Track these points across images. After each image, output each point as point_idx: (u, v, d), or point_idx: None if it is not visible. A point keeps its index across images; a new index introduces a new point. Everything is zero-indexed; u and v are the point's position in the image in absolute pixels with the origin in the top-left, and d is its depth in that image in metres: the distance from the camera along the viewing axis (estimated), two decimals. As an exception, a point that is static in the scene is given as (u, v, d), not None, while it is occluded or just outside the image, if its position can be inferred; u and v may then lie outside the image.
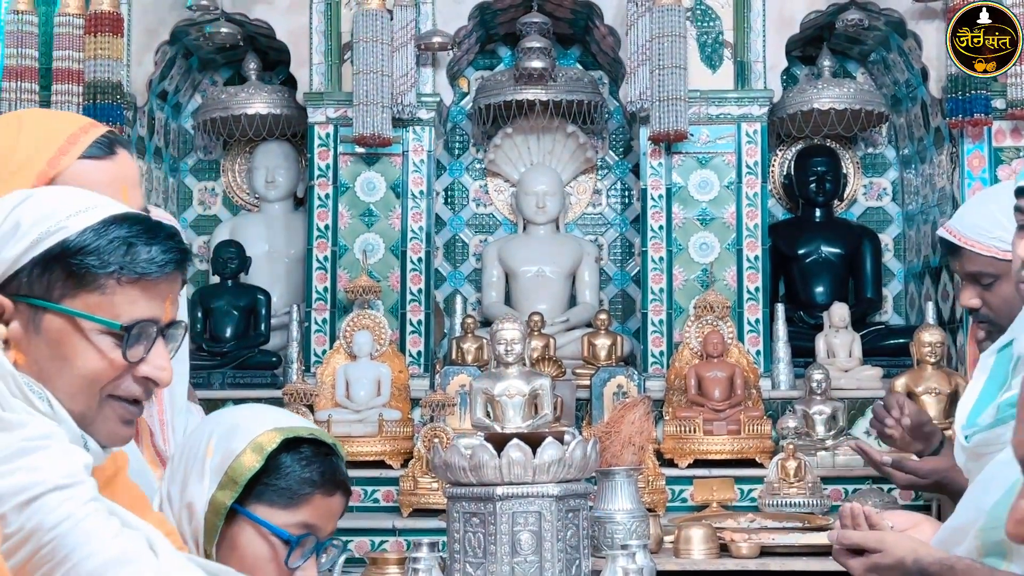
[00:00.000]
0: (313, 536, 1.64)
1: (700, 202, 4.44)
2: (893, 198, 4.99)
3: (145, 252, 1.45)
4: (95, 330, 1.43)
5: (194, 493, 1.57)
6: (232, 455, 1.59)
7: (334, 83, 4.47)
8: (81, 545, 1.32)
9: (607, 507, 2.76)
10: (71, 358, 1.43)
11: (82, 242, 1.43)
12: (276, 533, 1.60)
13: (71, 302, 1.42)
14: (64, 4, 4.34)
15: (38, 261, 1.42)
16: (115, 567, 1.32)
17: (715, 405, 4.08)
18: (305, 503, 1.63)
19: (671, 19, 4.23)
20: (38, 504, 1.31)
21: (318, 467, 1.64)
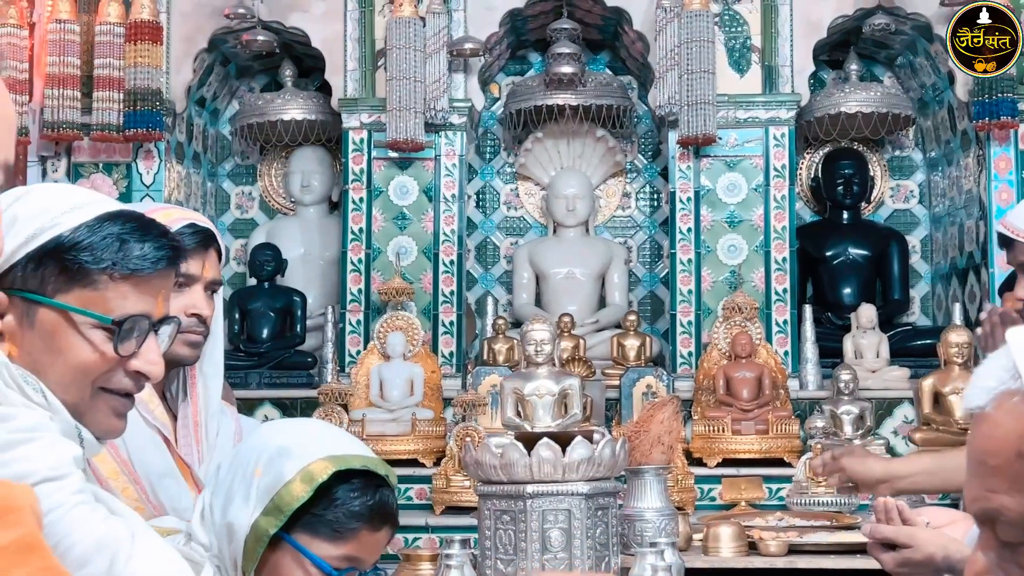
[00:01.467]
0: (355, 570, 1.62)
1: (728, 205, 4.43)
2: (920, 200, 4.97)
3: (138, 249, 1.45)
4: (87, 324, 1.43)
5: (237, 514, 1.55)
6: (281, 481, 1.56)
7: (368, 89, 4.48)
8: (69, 533, 1.33)
9: (636, 505, 2.75)
10: (64, 351, 1.44)
11: (76, 238, 1.43)
12: (319, 566, 1.58)
13: (64, 297, 1.43)
14: (105, 13, 4.37)
15: (33, 256, 1.43)
16: (97, 552, 1.33)
17: (743, 405, 4.07)
18: (351, 538, 1.60)
19: (699, 24, 4.22)
20: None
21: (368, 501, 1.61)
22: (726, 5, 4.43)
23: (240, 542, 1.55)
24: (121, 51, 4.36)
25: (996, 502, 1.02)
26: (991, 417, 1.03)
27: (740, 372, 4.11)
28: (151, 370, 1.47)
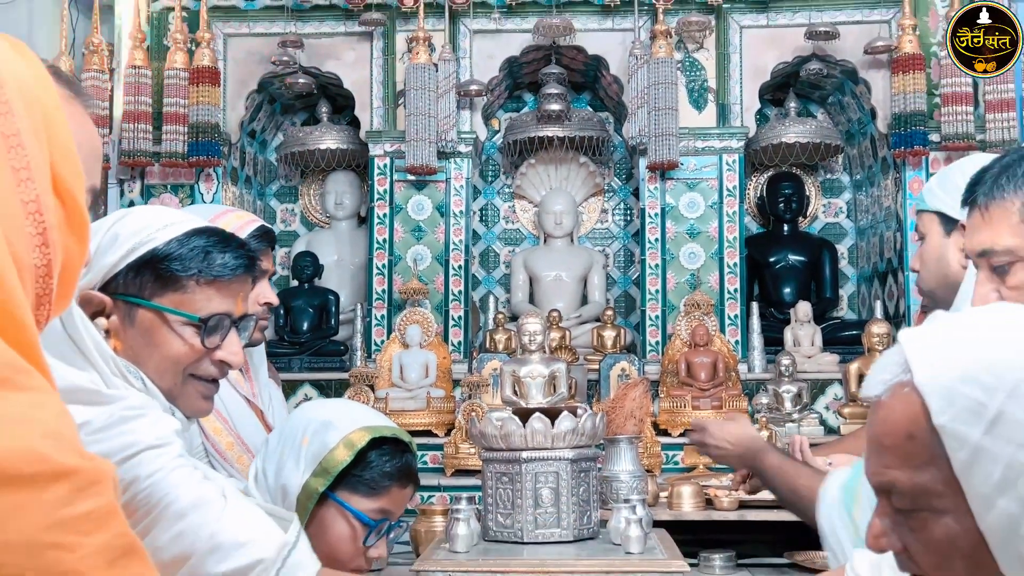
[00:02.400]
0: (387, 520, 1.63)
1: (688, 219, 4.43)
2: (847, 215, 4.97)
3: (220, 258, 1.46)
4: (179, 322, 1.44)
5: (289, 477, 1.56)
6: (326, 448, 1.57)
7: (390, 123, 4.49)
8: (169, 491, 1.33)
9: (613, 468, 2.76)
10: (160, 345, 1.44)
11: (168, 250, 1.44)
12: (359, 517, 1.59)
13: (159, 299, 1.44)
14: (172, 61, 4.38)
15: (132, 266, 1.43)
16: (193, 509, 1.33)
17: (701, 385, 4.07)
18: (384, 493, 1.61)
19: (664, 69, 4.23)
20: (136, 460, 1.32)
21: (396, 463, 1.63)
22: (687, 53, 4.44)
23: (293, 500, 1.56)
24: (185, 92, 4.37)
25: (890, 476, 1.02)
26: (886, 404, 1.02)
27: (698, 358, 4.12)
28: (233, 360, 1.48)
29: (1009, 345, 0.97)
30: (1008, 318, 1.01)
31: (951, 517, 0.98)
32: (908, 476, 1.00)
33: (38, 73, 0.97)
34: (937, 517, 0.99)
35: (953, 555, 0.99)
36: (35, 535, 0.81)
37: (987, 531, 0.96)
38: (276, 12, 4.50)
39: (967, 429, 0.96)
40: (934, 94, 4.23)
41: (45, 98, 0.96)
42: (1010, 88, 4.15)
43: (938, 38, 4.29)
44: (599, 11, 4.45)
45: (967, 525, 0.97)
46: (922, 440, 0.98)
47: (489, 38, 4.52)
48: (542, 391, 2.37)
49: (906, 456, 1.00)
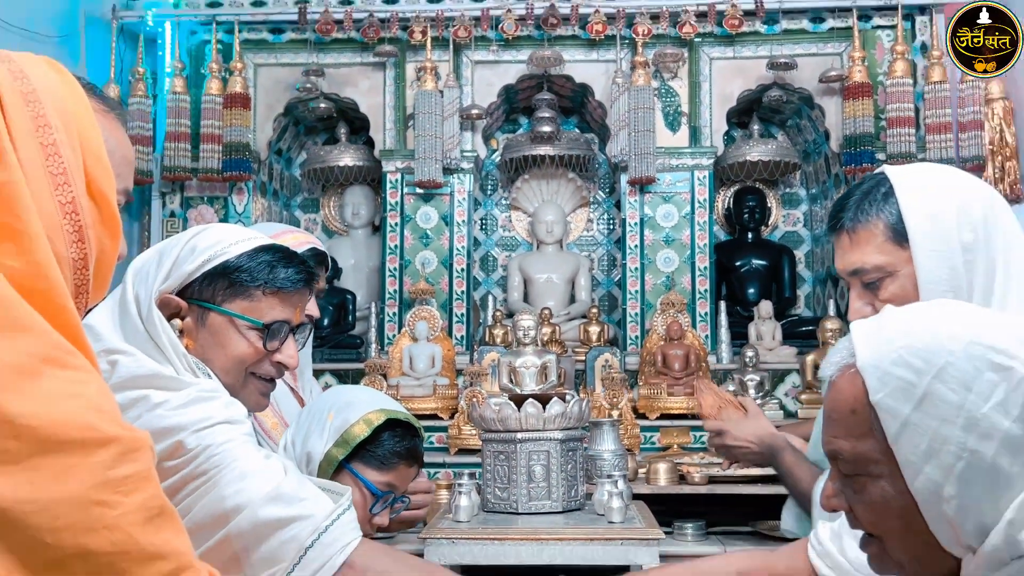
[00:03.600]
0: (392, 494, 1.63)
1: (664, 228, 4.44)
2: (804, 224, 4.98)
3: (283, 273, 1.47)
4: (245, 326, 1.44)
5: (314, 445, 1.58)
6: (348, 423, 1.59)
7: (401, 143, 4.49)
8: (238, 457, 1.34)
9: (597, 447, 2.76)
10: (227, 345, 1.45)
11: (239, 263, 1.45)
12: (369, 487, 1.60)
13: (229, 305, 1.44)
14: (208, 87, 4.38)
15: (206, 275, 1.44)
16: (253, 474, 1.34)
17: (675, 375, 4.08)
18: (392, 469, 1.62)
19: (643, 96, 4.24)
20: (211, 430, 1.33)
21: (406, 444, 1.64)
22: (662, 82, 4.44)
23: (316, 465, 1.57)
24: (220, 115, 4.37)
25: (837, 445, 1.04)
26: (836, 384, 1.05)
27: (673, 350, 4.12)
28: (290, 362, 1.50)
29: (937, 335, 0.99)
30: (939, 313, 1.03)
31: (886, 481, 1.00)
32: (851, 445, 1.02)
33: (74, 90, 0.98)
34: (875, 481, 1.01)
35: (888, 514, 1.01)
36: (84, 493, 0.82)
37: (916, 494, 0.98)
38: (300, 45, 4.50)
39: (899, 405, 0.98)
40: (880, 118, 4.24)
41: (79, 111, 0.97)
42: (947, 113, 4.15)
43: (884, 68, 4.30)
44: (585, 44, 4.45)
45: (899, 488, 0.99)
46: (862, 414, 1.00)
47: (488, 68, 4.52)
48: (535, 379, 2.38)
49: (849, 428, 1.02)
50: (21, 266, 0.88)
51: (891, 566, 1.05)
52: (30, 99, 0.93)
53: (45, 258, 0.89)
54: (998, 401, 0.95)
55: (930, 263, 1.38)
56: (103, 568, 0.82)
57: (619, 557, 2.05)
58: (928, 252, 1.38)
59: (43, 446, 0.82)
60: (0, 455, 0.81)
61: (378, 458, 1.59)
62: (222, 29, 4.46)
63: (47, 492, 0.81)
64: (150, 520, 0.86)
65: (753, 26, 4.36)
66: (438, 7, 4.38)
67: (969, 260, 1.37)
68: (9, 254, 0.88)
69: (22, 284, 0.87)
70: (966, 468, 0.96)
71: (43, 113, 0.93)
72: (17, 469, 0.81)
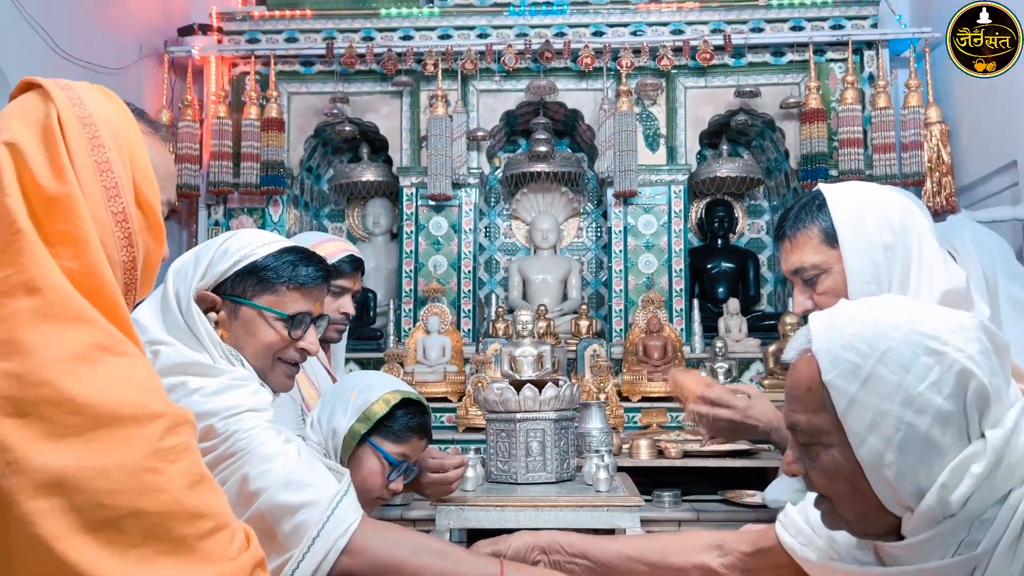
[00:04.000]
0: (406, 463, 1.64)
1: (645, 235, 4.44)
2: (767, 232, 4.98)
3: (304, 270, 1.47)
4: (272, 317, 1.45)
5: (339, 422, 1.58)
6: (368, 402, 1.59)
7: (416, 161, 4.49)
8: (261, 443, 1.34)
9: (586, 426, 2.77)
10: (256, 334, 1.45)
11: (265, 263, 1.45)
12: (387, 457, 1.60)
13: (257, 300, 1.45)
14: (248, 113, 4.38)
15: (238, 274, 1.44)
16: (276, 457, 1.34)
17: (654, 363, 4.08)
18: (406, 441, 1.63)
19: (626, 120, 4.24)
20: (239, 417, 1.33)
21: (418, 420, 1.65)
22: (643, 107, 4.44)
23: (340, 439, 1.58)
24: (258, 137, 4.37)
25: (795, 418, 1.05)
26: (796, 366, 1.05)
27: (652, 341, 4.13)
28: (311, 348, 1.50)
29: (880, 324, 1.00)
30: (883, 305, 1.04)
31: (836, 450, 1.01)
32: (807, 418, 1.02)
33: (124, 114, 1.00)
34: (826, 449, 1.02)
35: (837, 478, 1.02)
36: (137, 460, 0.83)
37: (861, 460, 0.99)
38: (328, 76, 4.51)
39: (847, 385, 0.98)
40: (833, 139, 4.24)
41: (129, 133, 0.98)
42: (891, 135, 4.16)
43: (836, 96, 4.30)
44: (576, 75, 4.45)
45: (847, 456, 1.00)
46: (816, 392, 1.01)
47: (492, 96, 4.52)
48: (532, 367, 2.38)
49: (805, 404, 1.02)
50: (78, 267, 0.89)
51: (840, 523, 1.06)
52: (86, 122, 0.94)
53: (99, 260, 0.90)
54: (932, 381, 0.96)
55: (856, 260, 1.44)
56: (153, 526, 0.82)
57: (605, 521, 2.06)
58: (854, 251, 1.44)
59: (100, 421, 0.83)
60: (63, 429, 0.82)
61: (394, 432, 1.60)
62: (260, 62, 4.46)
63: (104, 460, 0.82)
64: (193, 485, 0.87)
65: (722, 59, 4.36)
66: (448, 43, 4.39)
67: (889, 257, 1.43)
68: (68, 257, 0.89)
69: (79, 282, 0.88)
70: (904, 439, 0.96)
71: (97, 134, 0.94)
72: (79, 441, 0.81)
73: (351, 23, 4.47)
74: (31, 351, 0.83)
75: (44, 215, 0.88)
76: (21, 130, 0.91)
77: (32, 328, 0.83)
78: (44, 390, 0.81)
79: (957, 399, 0.96)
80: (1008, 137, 3.68)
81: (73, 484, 0.80)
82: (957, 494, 0.94)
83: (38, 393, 0.81)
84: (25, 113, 0.93)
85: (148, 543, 0.82)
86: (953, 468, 0.95)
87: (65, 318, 0.85)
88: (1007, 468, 0.94)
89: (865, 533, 1.04)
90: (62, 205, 0.89)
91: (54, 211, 0.89)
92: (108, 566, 0.79)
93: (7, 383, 0.81)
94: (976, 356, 0.97)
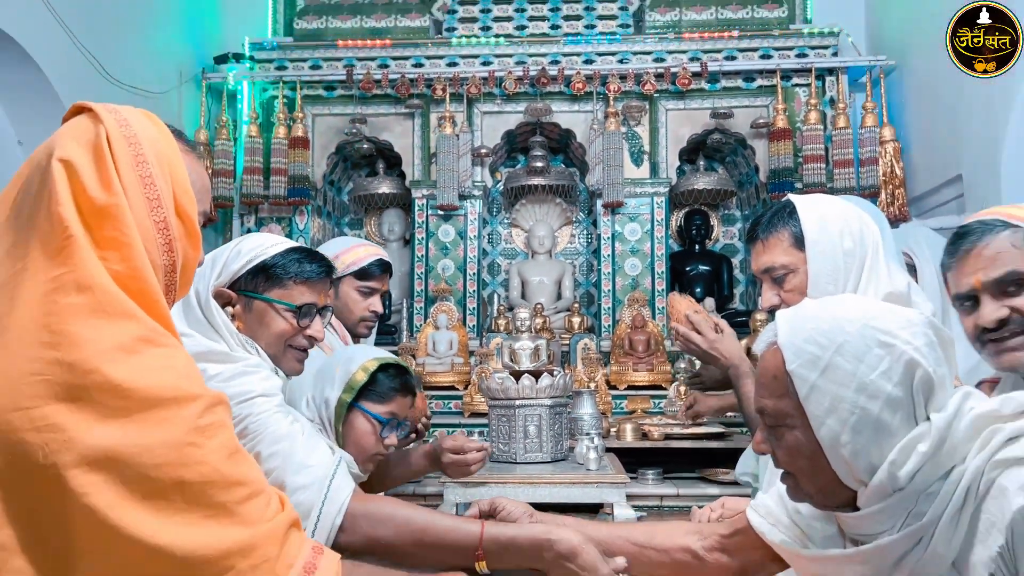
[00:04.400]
0: (395, 420, 1.63)
1: (630, 241, 4.44)
2: (739, 238, 4.98)
3: (309, 267, 1.48)
4: (282, 309, 1.45)
5: (329, 394, 1.58)
6: (350, 373, 1.59)
7: (426, 175, 4.50)
8: (271, 426, 1.35)
9: (578, 411, 2.78)
10: (269, 325, 1.46)
11: (274, 261, 1.46)
12: (375, 418, 1.60)
13: (269, 294, 1.45)
14: (276, 132, 4.39)
15: (250, 271, 1.45)
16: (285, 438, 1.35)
17: (639, 355, 4.08)
18: (391, 401, 1.62)
19: (614, 138, 4.24)
20: (251, 402, 1.34)
21: (398, 380, 1.64)
22: (629, 127, 4.45)
23: (332, 410, 1.57)
24: (286, 153, 4.38)
25: (763, 403, 1.05)
26: (764, 356, 1.06)
27: (637, 336, 4.13)
28: (318, 335, 1.50)
29: (837, 320, 1.01)
30: (840, 304, 1.04)
31: (799, 431, 1.01)
32: (773, 403, 1.03)
33: (165, 135, 1.01)
34: (790, 430, 1.02)
35: (800, 456, 1.02)
36: (179, 436, 0.84)
37: (821, 440, 0.99)
38: (348, 99, 4.51)
39: (808, 373, 0.99)
40: (798, 156, 4.24)
41: (169, 151, 0.99)
42: (849, 152, 4.16)
43: (801, 117, 4.30)
44: (569, 98, 4.45)
45: (808, 436, 1.00)
46: (781, 380, 1.01)
47: (494, 117, 4.52)
48: (530, 359, 2.38)
49: (772, 390, 1.03)
50: (124, 269, 0.90)
51: (803, 496, 1.06)
52: (132, 141, 0.95)
53: (142, 263, 0.91)
54: (883, 370, 0.97)
55: (819, 263, 1.46)
56: (196, 494, 0.83)
57: (595, 496, 2.06)
58: (819, 255, 1.47)
59: (145, 404, 0.83)
60: (112, 411, 0.82)
61: (378, 394, 1.60)
62: (287, 87, 4.47)
63: (150, 438, 0.82)
64: (230, 456, 0.88)
65: (699, 84, 4.36)
66: (455, 70, 4.39)
67: (848, 262, 1.46)
68: (115, 260, 0.90)
69: (125, 283, 0.89)
70: (858, 421, 0.97)
71: (141, 152, 0.95)
72: (126, 421, 0.82)
73: (369, 52, 4.48)
74: (82, 342, 0.84)
75: (94, 223, 0.89)
76: (74, 148, 0.92)
77: (83, 322, 0.84)
78: (94, 377, 0.82)
79: (905, 386, 0.96)
80: (954, 154, 3.69)
81: (122, 460, 0.81)
82: (905, 470, 0.95)
83: (88, 380, 0.82)
84: (78, 133, 0.94)
85: (192, 509, 0.83)
86: (901, 447, 0.95)
87: (112, 314, 0.86)
88: (949, 447, 0.95)
89: (825, 505, 1.05)
90: (110, 214, 0.90)
91: (103, 219, 0.90)
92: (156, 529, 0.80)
93: (60, 370, 0.82)
94: (922, 348, 0.97)
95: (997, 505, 0.89)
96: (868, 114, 4.18)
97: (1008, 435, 0.93)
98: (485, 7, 4.64)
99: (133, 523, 0.79)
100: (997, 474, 0.91)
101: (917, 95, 4.13)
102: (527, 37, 4.53)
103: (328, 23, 4.61)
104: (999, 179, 3.19)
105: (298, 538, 0.92)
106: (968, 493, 0.92)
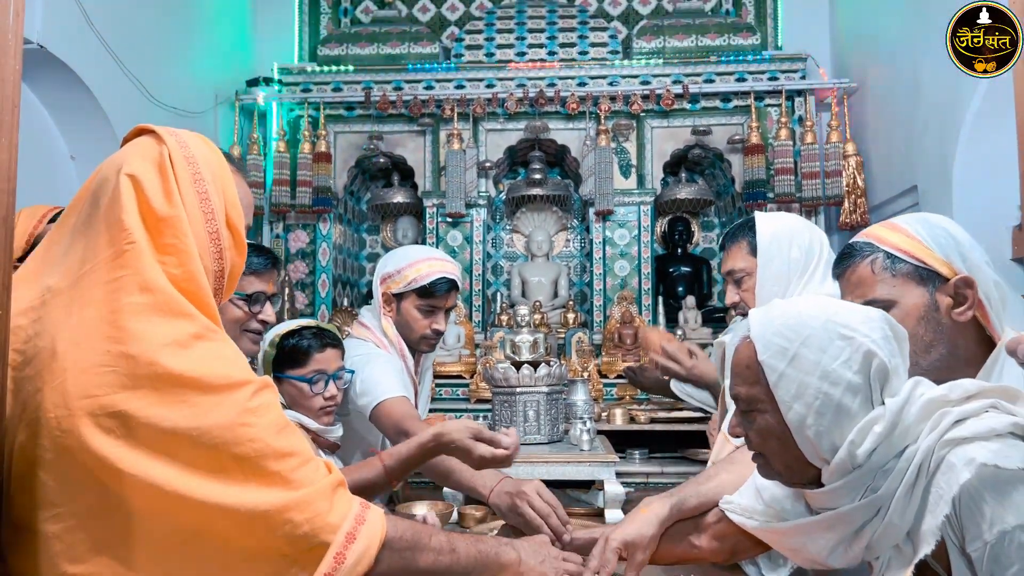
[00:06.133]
0: (323, 372, 1.62)
1: (619, 245, 4.45)
2: (717, 244, 4.99)
3: (256, 259, 1.49)
4: (235, 298, 1.46)
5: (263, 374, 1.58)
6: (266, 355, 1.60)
7: (436, 186, 4.51)
8: None
9: (572, 398, 2.79)
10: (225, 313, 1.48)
11: None
12: (300, 380, 1.59)
13: None
14: (302, 148, 4.40)
15: None
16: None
17: (627, 347, 4.09)
18: (309, 359, 1.61)
19: (605, 153, 4.26)
20: None
21: (310, 340, 1.63)
22: (618, 143, 4.46)
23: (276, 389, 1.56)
24: (310, 167, 4.39)
25: (737, 390, 1.07)
26: (738, 348, 1.07)
27: (626, 330, 4.14)
28: (270, 319, 1.51)
29: (803, 316, 1.02)
30: (806, 303, 1.06)
31: (769, 415, 1.03)
32: (746, 390, 1.04)
33: (218, 156, 1.03)
34: (761, 415, 1.04)
35: (770, 437, 1.03)
36: (231, 418, 0.86)
37: (788, 423, 1.01)
38: (366, 118, 4.52)
39: (777, 363, 1.00)
40: (770, 168, 4.25)
41: (221, 171, 1.01)
42: (816, 165, 4.18)
43: (773, 134, 4.31)
44: (564, 117, 4.46)
45: (778, 420, 1.02)
46: (753, 369, 1.03)
47: (497, 134, 4.53)
48: (529, 350, 2.40)
49: (745, 378, 1.04)
50: (180, 273, 0.92)
51: (773, 474, 1.08)
52: (190, 161, 0.98)
53: (197, 268, 0.93)
54: (844, 360, 0.98)
55: (767, 269, 1.59)
56: (252, 467, 0.85)
57: (587, 474, 2.08)
58: (768, 260, 1.60)
59: (200, 390, 0.85)
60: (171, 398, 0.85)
61: (293, 359, 1.59)
62: (312, 107, 4.48)
63: (206, 420, 0.84)
64: (280, 431, 0.90)
65: (681, 105, 4.37)
66: (462, 92, 4.40)
67: (794, 269, 1.58)
68: (173, 264, 0.92)
69: (181, 286, 0.91)
70: (821, 405, 0.98)
71: (198, 171, 0.98)
72: (184, 406, 0.84)
73: (385, 76, 4.49)
74: (142, 337, 0.86)
75: (155, 231, 0.91)
76: (140, 165, 0.95)
77: (145, 320, 0.86)
78: (154, 368, 0.84)
79: (863, 374, 0.98)
80: (909, 166, 3.70)
81: (183, 440, 0.83)
82: (863, 448, 0.97)
83: (149, 370, 0.84)
84: (144, 152, 0.97)
85: (251, 480, 0.85)
86: (859, 428, 0.97)
87: (170, 312, 0.88)
88: (903, 429, 0.97)
89: (792, 482, 1.06)
90: (171, 224, 0.92)
91: (164, 228, 0.92)
92: (222, 493, 0.82)
93: (124, 362, 0.84)
94: (879, 341, 0.99)
95: (946, 479, 0.90)
96: (833, 131, 4.20)
97: (955, 417, 0.94)
98: (489, 36, 4.65)
99: (199, 490, 0.82)
100: (946, 452, 0.92)
101: (876, 113, 4.14)
102: (527, 62, 4.54)
103: (348, 50, 4.62)
104: (951, 188, 3.21)
105: (345, 495, 0.95)
106: (920, 469, 0.93)
